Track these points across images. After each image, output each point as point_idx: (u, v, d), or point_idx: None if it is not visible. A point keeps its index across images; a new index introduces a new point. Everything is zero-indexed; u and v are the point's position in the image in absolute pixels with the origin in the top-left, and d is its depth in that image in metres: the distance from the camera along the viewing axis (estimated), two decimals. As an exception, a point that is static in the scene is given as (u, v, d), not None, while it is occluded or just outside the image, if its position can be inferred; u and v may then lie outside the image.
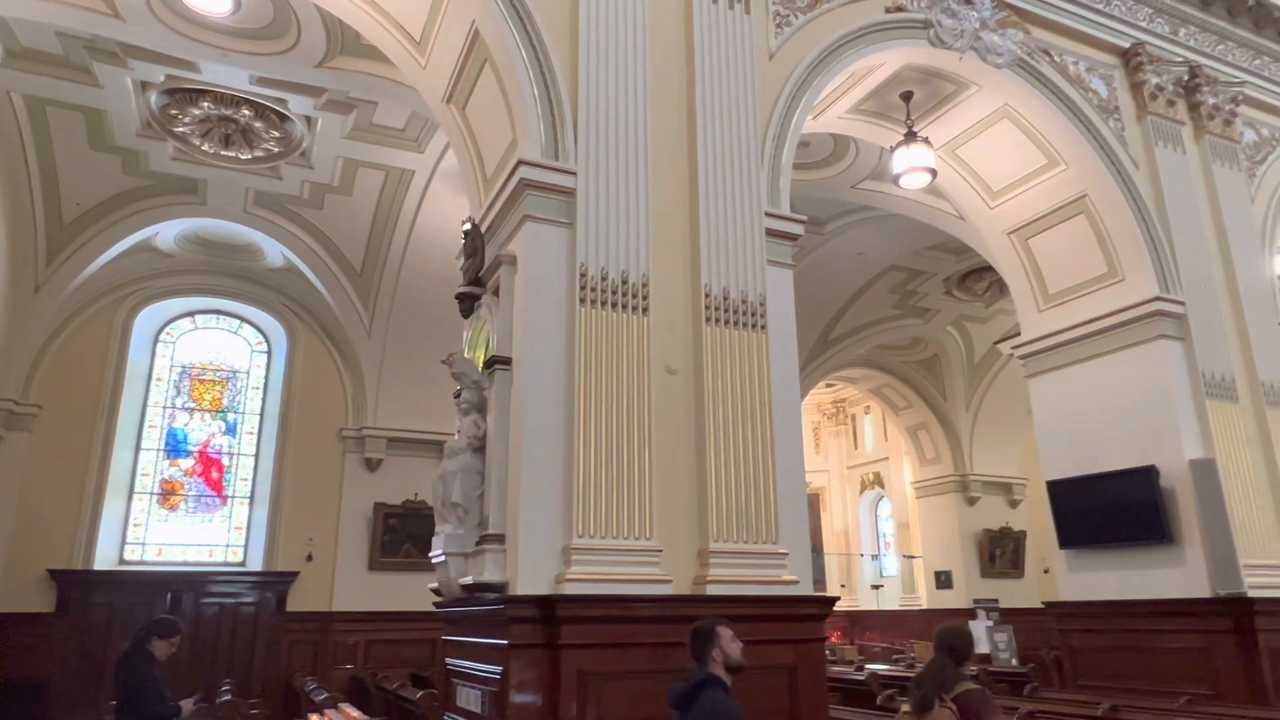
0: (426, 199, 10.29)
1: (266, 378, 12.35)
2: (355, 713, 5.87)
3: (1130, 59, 8.05)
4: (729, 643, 3.55)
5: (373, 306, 11.56)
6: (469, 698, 4.96)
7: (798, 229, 5.83)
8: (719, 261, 5.35)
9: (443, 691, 6.02)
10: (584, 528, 4.56)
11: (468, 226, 5.72)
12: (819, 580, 16.90)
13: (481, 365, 5.30)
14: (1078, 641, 7.81)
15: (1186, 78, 8.27)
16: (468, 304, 5.59)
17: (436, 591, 5.38)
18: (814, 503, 20.10)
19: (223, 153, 9.45)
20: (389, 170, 10.01)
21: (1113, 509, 7.37)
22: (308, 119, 9.01)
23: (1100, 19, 7.93)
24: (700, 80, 5.66)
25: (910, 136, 7.52)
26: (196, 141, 9.26)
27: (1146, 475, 7.15)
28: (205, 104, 8.62)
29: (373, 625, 11.21)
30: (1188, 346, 7.37)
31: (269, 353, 12.47)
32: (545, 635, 4.40)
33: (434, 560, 5.17)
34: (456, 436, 5.24)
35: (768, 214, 5.66)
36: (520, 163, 5.04)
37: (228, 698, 7.81)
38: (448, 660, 5.42)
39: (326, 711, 6.36)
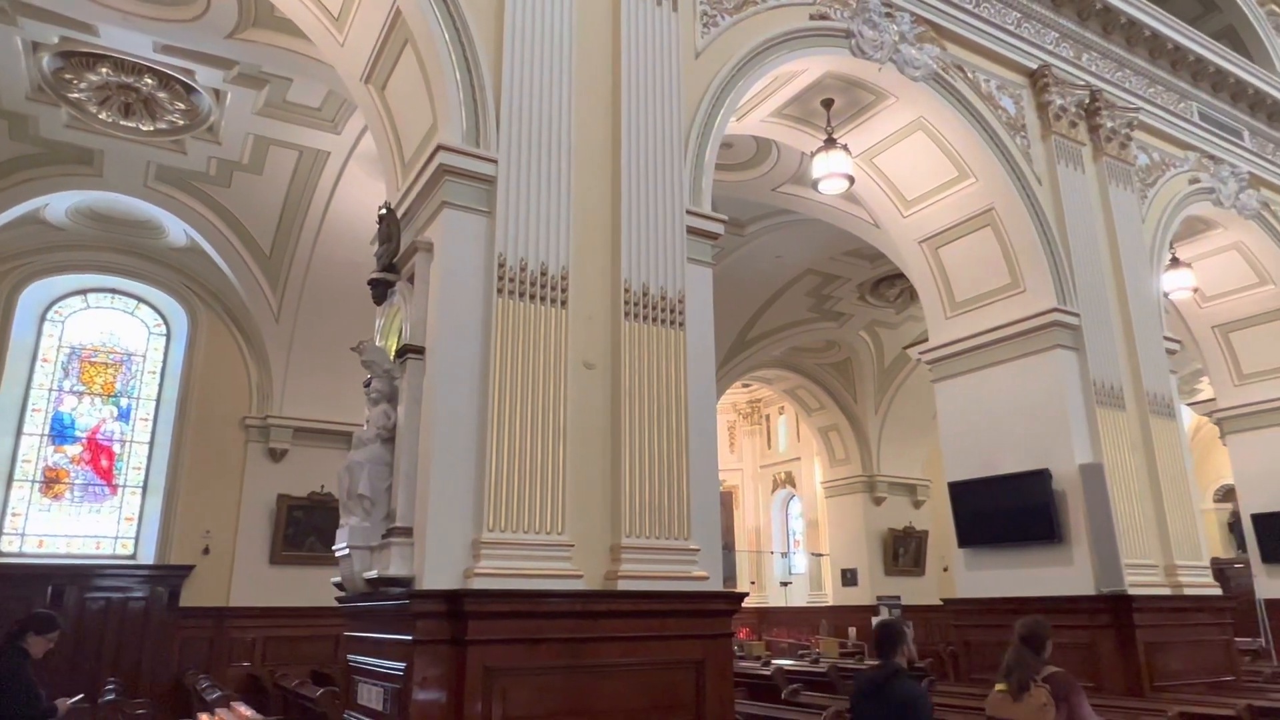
0: (342, 182, 9.97)
1: (165, 362, 11.78)
2: (248, 711, 5.64)
3: (1037, 80, 8.40)
4: (911, 641, 4.22)
5: (282, 291, 11.13)
6: (370, 695, 4.83)
7: (718, 228, 5.87)
8: (639, 257, 5.34)
9: (344, 689, 5.84)
10: (495, 521, 4.49)
11: (383, 211, 5.56)
12: (730, 577, 17.13)
13: (393, 354, 5.16)
14: (973, 637, 8.11)
15: (1088, 101, 8.68)
16: (381, 290, 5.43)
17: (340, 586, 5.21)
18: (727, 501, 20.39)
19: (122, 123, 8.94)
20: (303, 150, 9.66)
21: (1009, 510, 7.68)
22: (216, 92, 8.61)
23: (1011, 39, 8.26)
24: (626, 74, 5.64)
25: (830, 143, 7.68)
26: (93, 109, 8.73)
27: (1040, 478, 7.48)
28: (104, 70, 8.14)
29: (273, 621, 10.81)
30: (1081, 356, 7.74)
31: (168, 335, 11.89)
32: (452, 631, 4.31)
33: (338, 554, 5.01)
34: (365, 427, 5.10)
35: (689, 212, 5.67)
36: (440, 148, 4.92)
37: (111, 698, 7.40)
38: (349, 657, 5.26)
39: (218, 711, 6.09)
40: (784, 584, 19.12)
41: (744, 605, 5.67)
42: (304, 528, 11.20)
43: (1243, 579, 12.45)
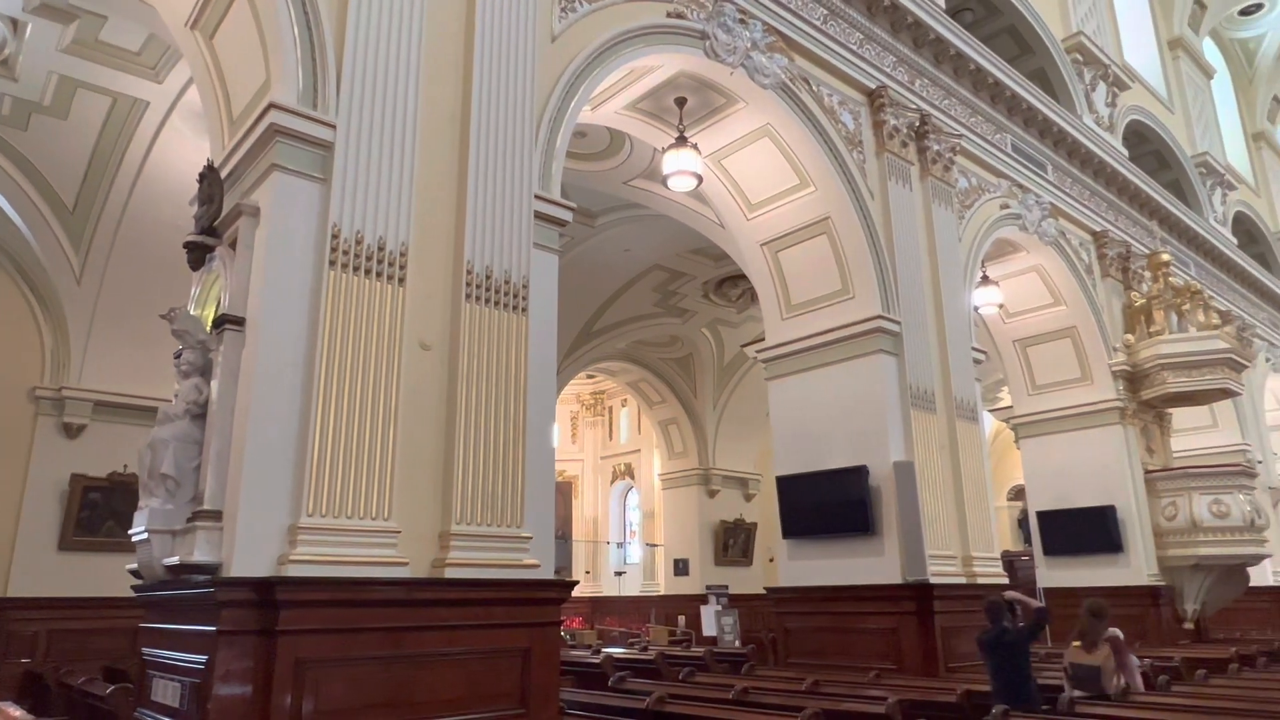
0: (163, 136, 9.13)
1: (-63, 322, 10.39)
2: (17, 712, 5.07)
3: (875, 99, 8.91)
4: (1010, 609, 6.01)
5: (86, 250, 10.06)
6: (167, 691, 4.46)
7: (566, 215, 5.83)
8: (484, 238, 5.22)
9: (140, 686, 5.38)
10: (315, 506, 4.27)
11: (206, 170, 5.14)
12: (565, 567, 17.12)
13: (209, 324, 4.79)
14: (792, 624, 8.53)
15: (918, 123, 9.30)
16: (198, 255, 5.02)
17: (136, 574, 4.79)
18: (567, 490, 20.43)
19: (-108, 45, 7.80)
20: (117, 97, 8.76)
21: (829, 504, 8.13)
22: (14, 22, 7.66)
23: (854, 58, 8.71)
24: (479, 49, 5.49)
25: (681, 140, 7.81)
26: None
27: (859, 474, 7.95)
28: None
29: (60, 613, 9.77)
30: (900, 362, 8.29)
31: (-57, 292, 10.49)
32: (261, 621, 4.06)
33: (135, 538, 4.60)
34: (174, 401, 4.70)
35: (538, 196, 5.61)
36: (272, 106, 4.61)
37: None
38: (144, 650, 4.85)
39: (-18, 713, 5.44)
40: (619, 574, 19.39)
41: (578, 595, 5.70)
42: (102, 511, 10.21)
43: (1027, 569, 13.79)
